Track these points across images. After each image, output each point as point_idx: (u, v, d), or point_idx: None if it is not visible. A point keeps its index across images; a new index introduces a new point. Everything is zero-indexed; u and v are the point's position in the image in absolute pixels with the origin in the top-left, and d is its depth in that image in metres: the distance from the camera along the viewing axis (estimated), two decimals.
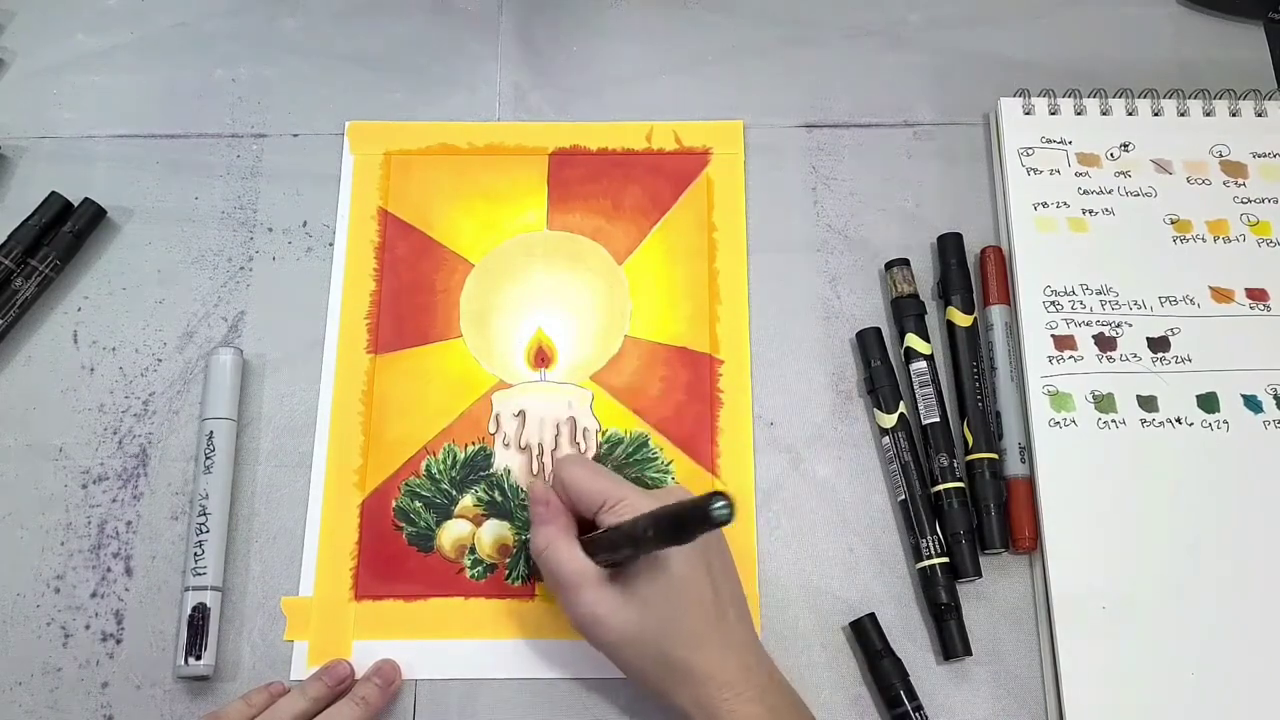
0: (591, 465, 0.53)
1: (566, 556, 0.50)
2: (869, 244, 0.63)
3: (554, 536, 0.51)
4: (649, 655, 0.49)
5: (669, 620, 0.48)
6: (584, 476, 0.52)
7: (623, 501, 0.50)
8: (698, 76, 0.67)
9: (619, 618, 0.49)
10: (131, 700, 0.55)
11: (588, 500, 0.51)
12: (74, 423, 0.60)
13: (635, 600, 0.49)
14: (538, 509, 0.52)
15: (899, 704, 0.53)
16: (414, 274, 0.62)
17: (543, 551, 0.51)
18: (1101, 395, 0.58)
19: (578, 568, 0.50)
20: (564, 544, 0.50)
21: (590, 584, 0.49)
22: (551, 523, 0.51)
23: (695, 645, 0.48)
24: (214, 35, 0.69)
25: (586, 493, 0.51)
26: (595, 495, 0.51)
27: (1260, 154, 0.63)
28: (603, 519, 0.50)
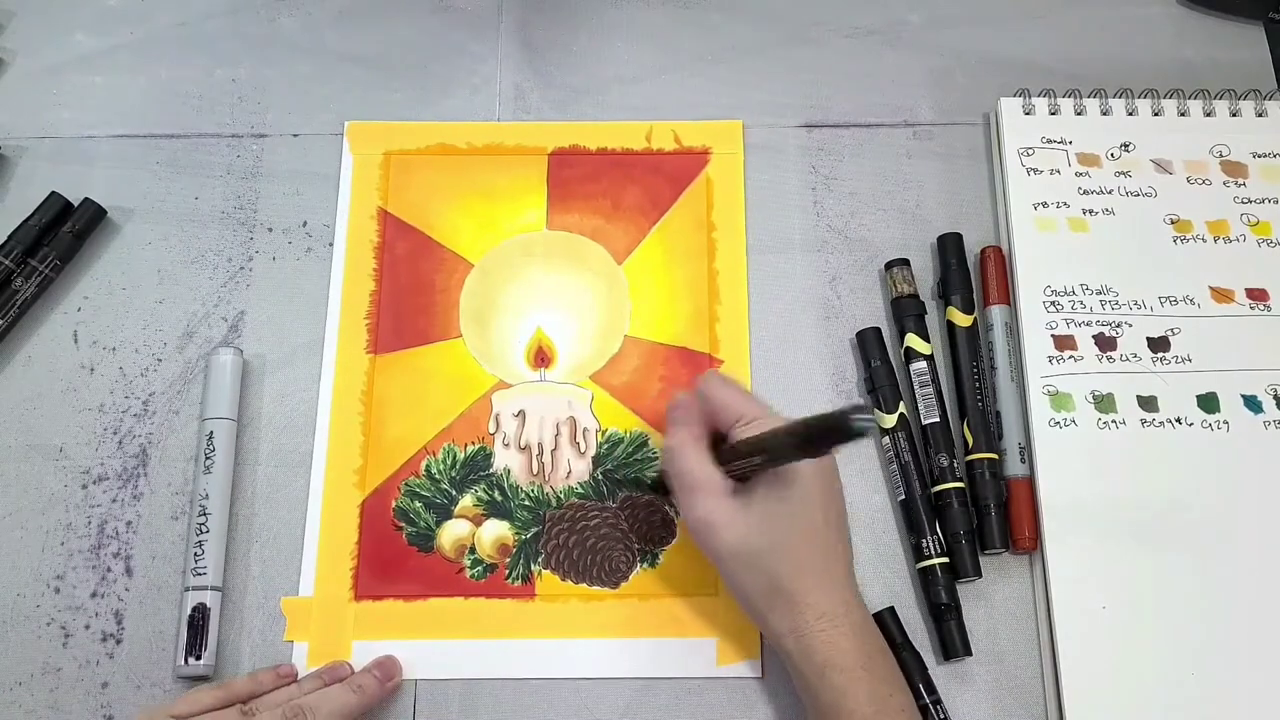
0: (737, 384, 0.54)
1: (695, 458, 0.51)
2: (869, 244, 0.63)
3: (686, 439, 0.52)
4: (754, 571, 0.50)
5: (780, 542, 0.49)
6: (728, 392, 0.53)
7: (758, 420, 0.51)
8: (697, 76, 0.67)
9: (733, 529, 0.49)
10: (131, 700, 0.55)
11: (727, 414, 0.52)
12: (74, 423, 0.60)
13: (752, 515, 0.50)
14: (677, 413, 0.53)
15: (918, 697, 0.53)
16: (414, 274, 0.62)
17: (673, 451, 0.52)
18: (1101, 395, 0.58)
19: (704, 471, 0.51)
20: (693, 447, 0.51)
21: (713, 490, 0.50)
22: (685, 425, 0.52)
23: (801, 572, 0.49)
24: (214, 35, 0.69)
25: (728, 407, 0.52)
26: (734, 409, 0.52)
27: (1260, 154, 0.63)
28: (736, 433, 0.51)
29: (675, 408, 0.53)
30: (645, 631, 0.56)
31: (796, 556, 0.49)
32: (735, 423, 0.52)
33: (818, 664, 0.48)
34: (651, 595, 0.57)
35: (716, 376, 0.54)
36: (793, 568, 0.49)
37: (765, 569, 0.49)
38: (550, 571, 0.57)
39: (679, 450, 0.52)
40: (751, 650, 0.55)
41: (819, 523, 0.50)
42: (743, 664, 0.55)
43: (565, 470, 0.59)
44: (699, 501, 0.50)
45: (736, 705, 0.55)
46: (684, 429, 0.52)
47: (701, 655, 0.55)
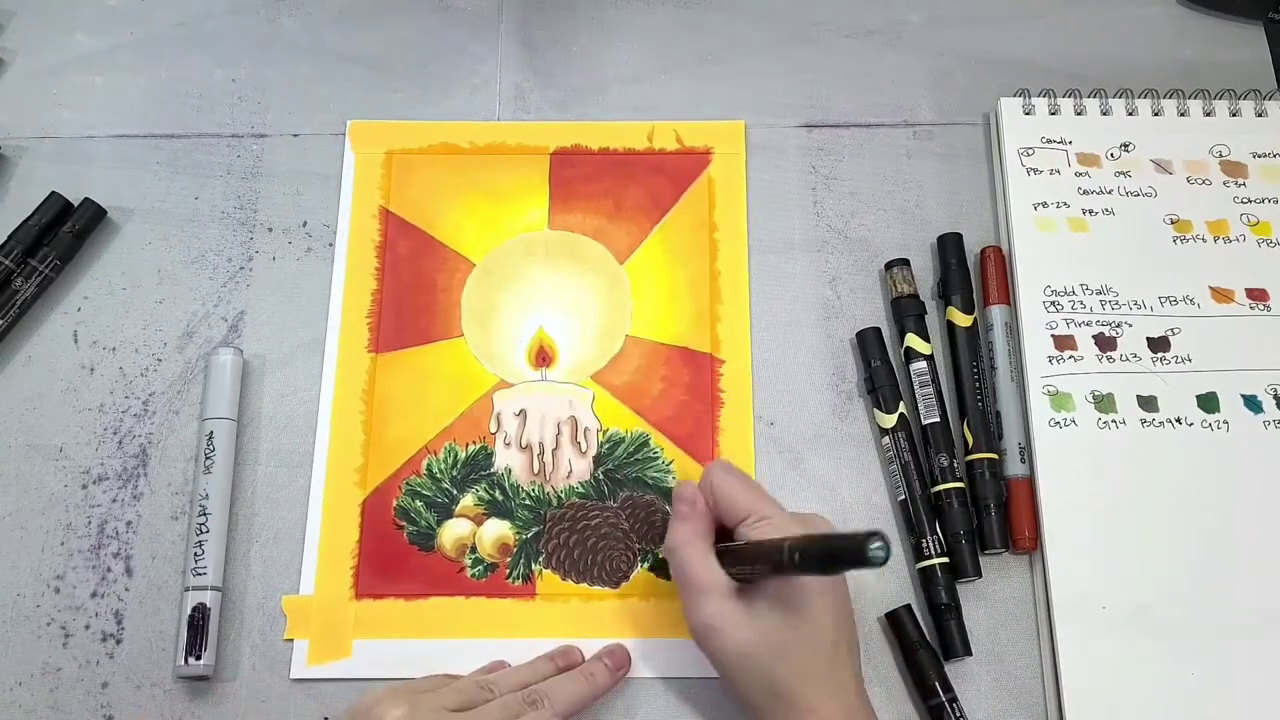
0: (744, 477, 0.53)
1: (700, 560, 0.50)
2: (869, 244, 0.63)
3: (690, 538, 0.51)
4: (756, 677, 0.48)
5: (786, 650, 0.48)
6: (735, 486, 0.51)
7: (768, 520, 0.50)
8: (698, 76, 0.67)
9: (738, 634, 0.48)
10: (131, 700, 0.55)
11: (734, 510, 0.51)
12: (74, 423, 0.60)
13: (757, 621, 0.48)
14: (681, 507, 0.52)
15: (934, 695, 0.53)
16: (415, 273, 0.62)
17: (677, 550, 0.51)
18: (1101, 395, 0.58)
19: (708, 574, 0.49)
20: (699, 547, 0.50)
21: (717, 594, 0.49)
22: (691, 522, 0.51)
23: (806, 681, 0.48)
24: (214, 35, 0.69)
25: (735, 503, 0.51)
26: (743, 507, 0.51)
27: (1260, 154, 0.63)
28: (743, 532, 0.50)
29: (679, 499, 0.52)
30: (646, 631, 0.56)
31: (801, 663, 0.48)
32: (743, 519, 0.50)
33: None
34: (652, 595, 0.57)
35: (723, 468, 0.53)
36: (796, 674, 0.48)
37: (769, 677, 0.48)
38: (551, 571, 0.57)
39: (683, 549, 0.51)
40: None
41: (827, 632, 0.49)
42: None
43: (566, 470, 0.59)
44: (704, 605, 0.49)
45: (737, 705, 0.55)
46: (687, 525, 0.51)
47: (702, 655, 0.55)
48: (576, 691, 0.52)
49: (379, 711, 0.48)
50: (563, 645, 0.55)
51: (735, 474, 0.53)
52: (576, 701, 0.51)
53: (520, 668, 0.53)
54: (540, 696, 0.50)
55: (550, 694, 0.50)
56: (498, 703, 0.49)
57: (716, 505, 0.52)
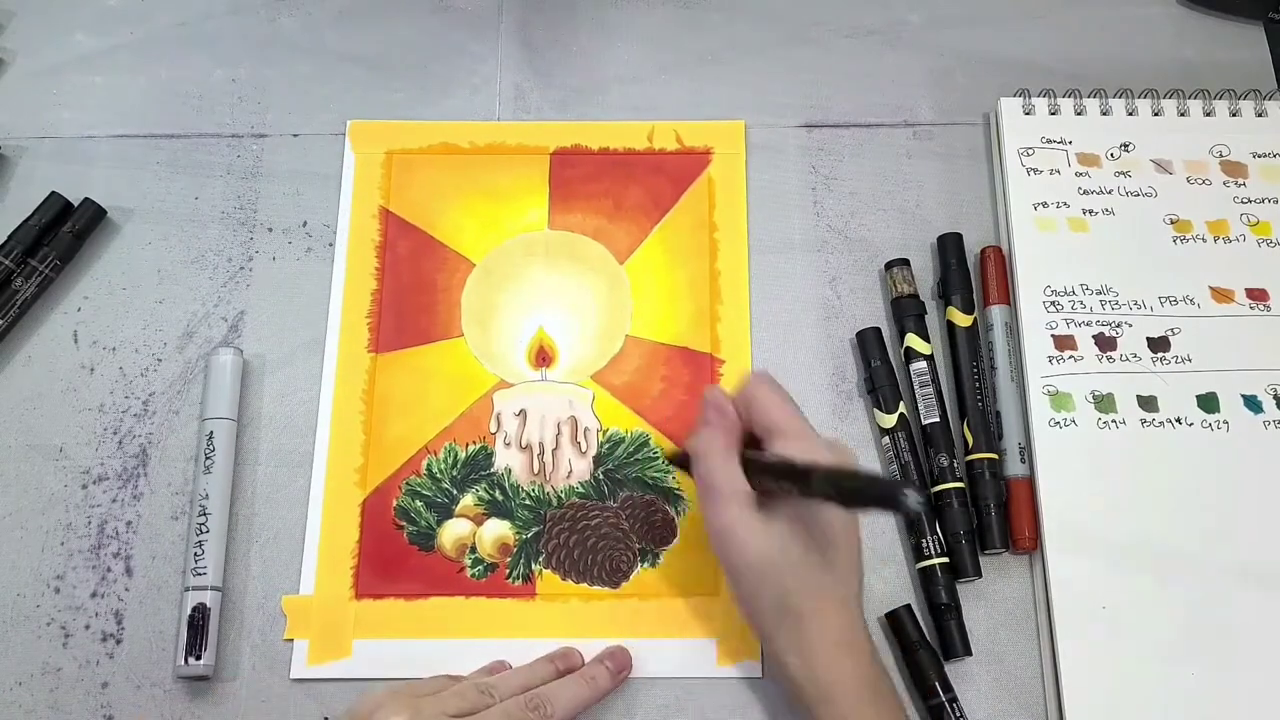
0: (784, 392, 0.52)
1: (723, 466, 0.50)
2: (869, 244, 0.63)
3: (716, 442, 0.50)
4: (768, 589, 0.49)
5: (801, 565, 0.49)
6: (775, 400, 0.51)
7: (799, 438, 0.49)
8: (698, 76, 0.67)
9: (754, 544, 0.48)
10: (131, 700, 0.55)
11: (769, 423, 0.50)
12: (74, 423, 0.60)
13: (775, 534, 0.49)
14: (709, 412, 0.51)
15: (934, 695, 0.53)
16: (415, 273, 0.62)
17: (702, 454, 0.50)
18: (1101, 395, 0.58)
19: (731, 481, 0.49)
20: (724, 453, 0.50)
21: (738, 501, 0.49)
22: (719, 428, 0.51)
23: (819, 597, 0.49)
24: (214, 35, 0.69)
25: (771, 416, 0.50)
26: (778, 421, 0.50)
27: (1260, 154, 0.63)
28: (773, 445, 0.50)
29: (708, 405, 0.51)
30: (645, 631, 0.56)
31: (811, 579, 0.49)
32: (776, 433, 0.50)
33: (821, 688, 0.48)
34: (652, 595, 0.57)
35: (765, 379, 0.52)
36: (806, 588, 0.49)
37: (779, 585, 0.49)
38: (551, 571, 0.57)
39: (707, 453, 0.50)
40: (752, 650, 0.55)
41: (840, 555, 0.49)
42: (743, 664, 0.55)
43: (566, 470, 0.59)
44: (723, 511, 0.49)
45: (736, 705, 0.55)
46: (716, 431, 0.51)
47: (702, 655, 0.55)
48: (578, 695, 0.52)
49: (380, 716, 0.47)
50: (562, 647, 0.55)
51: (775, 387, 0.52)
52: (578, 705, 0.51)
53: (520, 670, 0.53)
54: (542, 702, 0.50)
55: (552, 699, 0.50)
56: (499, 708, 0.49)
57: (751, 415, 0.51)
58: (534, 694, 0.50)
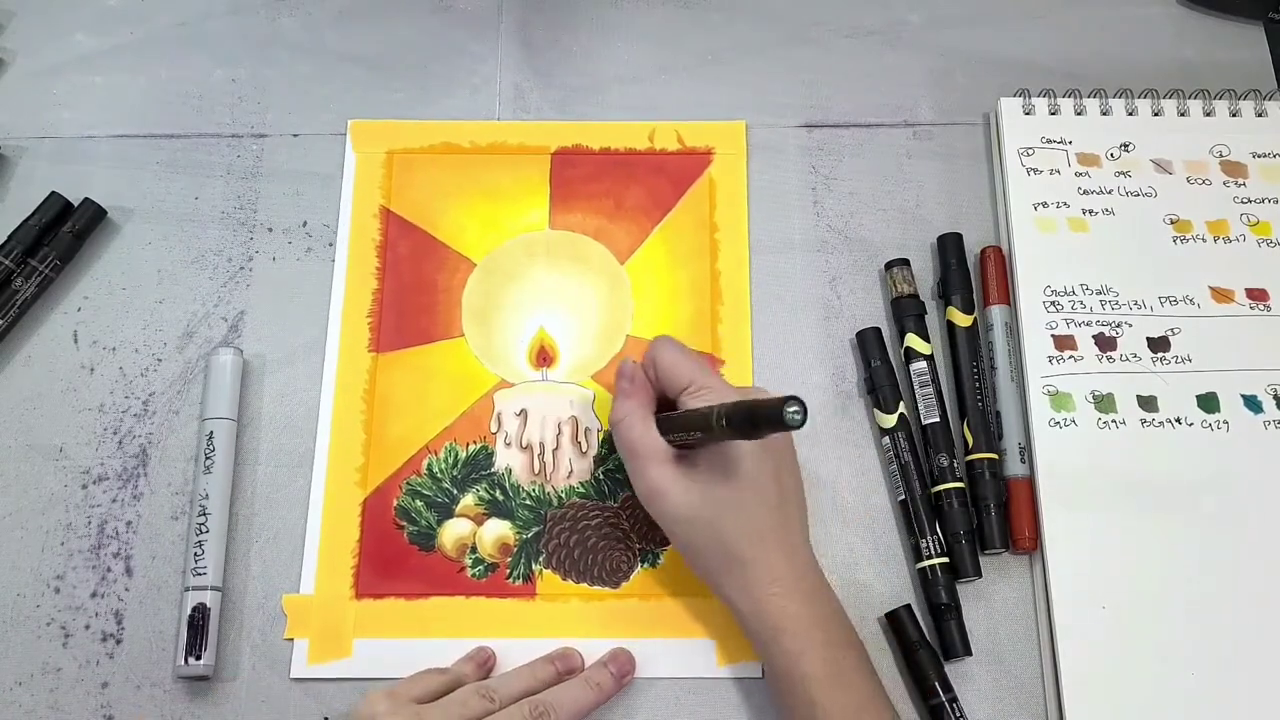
0: (684, 348, 0.54)
1: (640, 430, 0.52)
2: (869, 244, 0.63)
3: (631, 410, 0.53)
4: (704, 537, 0.50)
5: (729, 508, 0.50)
6: (677, 357, 0.53)
7: (706, 389, 0.52)
8: (699, 76, 0.67)
9: (680, 495, 0.50)
10: (131, 700, 0.55)
11: (674, 380, 0.53)
12: (74, 423, 0.60)
13: (698, 482, 0.51)
14: (622, 383, 0.54)
15: (934, 696, 0.53)
16: (416, 273, 0.62)
17: (619, 423, 0.53)
18: (1101, 395, 0.58)
19: (649, 442, 0.52)
20: (640, 418, 0.52)
21: (658, 459, 0.51)
22: (632, 397, 0.53)
23: (751, 538, 0.50)
24: (214, 35, 0.69)
25: (675, 373, 0.53)
26: (683, 377, 0.52)
27: (1260, 154, 0.63)
28: (684, 401, 0.52)
29: (620, 376, 0.54)
30: (646, 631, 0.56)
31: (746, 522, 0.50)
32: (684, 389, 0.52)
33: (770, 628, 0.49)
34: (652, 595, 0.57)
35: (666, 341, 0.54)
36: (742, 533, 0.50)
37: (715, 535, 0.50)
38: (551, 571, 0.57)
39: (625, 422, 0.52)
40: (752, 651, 0.55)
41: (771, 493, 0.51)
42: (743, 664, 0.55)
43: (567, 470, 0.59)
44: (647, 470, 0.51)
45: (737, 705, 0.55)
46: (630, 400, 0.53)
47: (702, 655, 0.55)
48: (582, 700, 0.51)
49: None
50: (562, 647, 0.55)
51: (677, 347, 0.54)
52: (582, 710, 0.51)
53: (520, 671, 0.53)
54: (547, 708, 0.50)
55: (556, 704, 0.50)
56: (502, 715, 0.49)
57: (659, 377, 0.53)
58: (537, 700, 0.50)
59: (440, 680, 0.52)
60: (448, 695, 0.50)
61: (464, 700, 0.50)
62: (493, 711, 0.49)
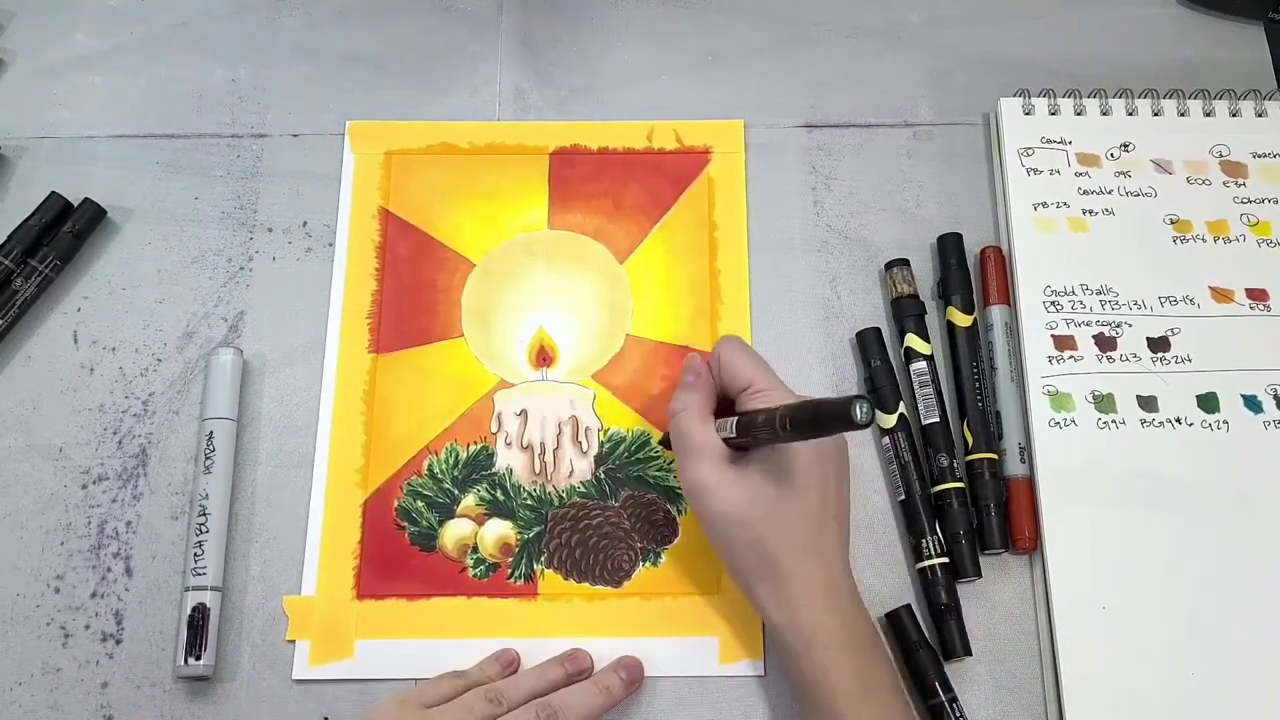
0: (751, 351, 0.54)
1: (698, 425, 0.52)
2: (869, 244, 0.63)
3: (691, 403, 0.52)
4: (744, 540, 0.50)
5: (773, 515, 0.50)
6: (741, 358, 0.53)
7: (768, 390, 0.52)
8: (698, 76, 0.67)
9: (727, 495, 0.50)
10: (131, 700, 0.55)
11: (737, 380, 0.52)
12: (74, 423, 0.60)
13: (747, 484, 0.50)
14: (687, 376, 0.54)
15: (934, 696, 0.53)
16: (415, 273, 0.62)
17: (677, 414, 0.53)
18: (1101, 395, 0.58)
19: (704, 437, 0.51)
20: (698, 413, 0.52)
21: (710, 455, 0.51)
22: (694, 391, 0.53)
23: (791, 547, 0.50)
24: (214, 35, 0.69)
25: (737, 374, 0.52)
26: (744, 378, 0.52)
27: (1260, 154, 0.63)
28: (743, 401, 0.52)
29: (687, 370, 0.54)
30: (647, 630, 0.56)
31: (787, 530, 0.50)
32: (744, 390, 0.52)
33: (804, 639, 0.49)
34: (654, 594, 0.57)
35: (734, 341, 0.54)
36: (782, 541, 0.50)
37: (755, 539, 0.50)
38: (553, 571, 0.57)
39: (683, 415, 0.52)
40: (754, 649, 0.55)
41: (815, 502, 0.50)
42: (745, 663, 0.55)
43: (567, 469, 0.59)
44: (697, 465, 0.51)
45: (739, 704, 0.55)
46: (691, 393, 0.53)
47: (704, 654, 0.55)
48: (592, 705, 0.51)
49: None
50: (571, 648, 0.55)
51: (742, 348, 0.54)
52: (591, 714, 0.51)
53: (529, 673, 0.53)
54: (555, 711, 0.50)
55: (565, 708, 0.50)
56: (509, 718, 0.49)
57: (721, 376, 0.53)
58: (545, 702, 0.50)
59: (455, 685, 0.51)
60: (455, 699, 0.50)
61: (470, 705, 0.50)
62: (500, 715, 0.49)
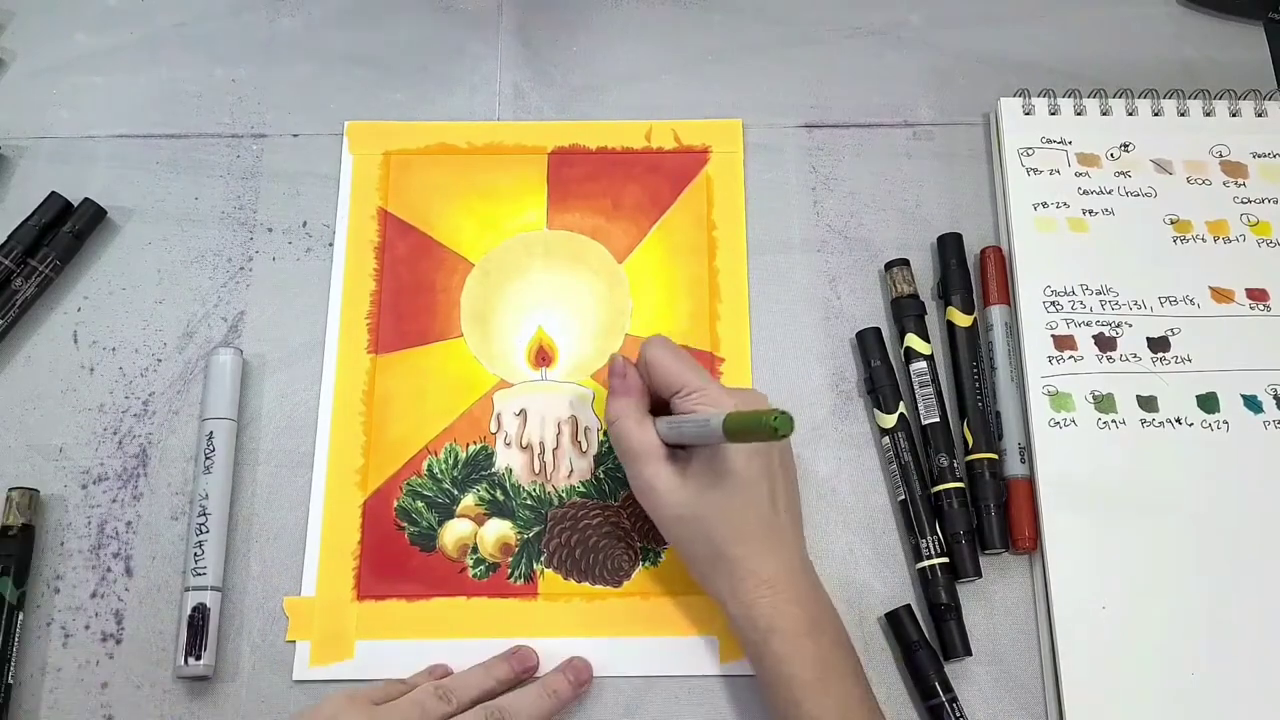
0: (677, 350, 0.54)
1: (635, 429, 0.52)
2: (869, 244, 0.63)
3: (626, 409, 0.53)
4: (697, 537, 0.51)
5: (721, 510, 0.50)
6: (668, 360, 0.53)
7: (700, 392, 0.52)
8: (697, 76, 0.67)
9: (674, 495, 0.51)
10: (131, 700, 0.55)
11: (667, 383, 0.53)
12: (74, 423, 0.60)
13: (692, 482, 0.51)
14: (615, 381, 0.54)
15: (934, 696, 0.53)
16: (414, 274, 0.62)
17: (614, 422, 0.53)
18: (1101, 395, 0.58)
19: (644, 441, 0.52)
20: (634, 417, 0.53)
21: (653, 458, 0.51)
22: (625, 395, 0.53)
23: (743, 540, 0.50)
24: (214, 35, 0.69)
25: (667, 376, 0.53)
26: (675, 380, 0.52)
27: (1260, 154, 0.63)
28: (677, 404, 0.52)
29: (612, 374, 0.54)
30: (648, 630, 0.56)
31: (736, 524, 0.50)
32: (676, 393, 0.52)
33: (761, 630, 0.49)
34: (654, 593, 0.57)
35: (657, 343, 0.54)
36: (733, 535, 0.50)
37: (706, 535, 0.50)
38: (552, 570, 0.57)
39: (620, 422, 0.53)
40: None
41: (763, 494, 0.51)
42: (745, 662, 0.55)
43: (567, 469, 0.59)
44: (642, 469, 0.52)
45: (740, 703, 0.55)
46: (624, 397, 0.53)
47: (705, 653, 0.55)
48: (540, 707, 0.52)
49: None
50: (518, 645, 0.55)
51: (668, 349, 0.54)
52: (539, 717, 0.51)
53: (476, 671, 0.53)
54: (504, 715, 0.50)
55: (514, 711, 0.51)
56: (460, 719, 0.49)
57: (651, 379, 0.53)
58: (495, 706, 0.51)
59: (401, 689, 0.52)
60: (404, 695, 0.50)
61: (420, 701, 0.50)
62: (450, 714, 0.50)
